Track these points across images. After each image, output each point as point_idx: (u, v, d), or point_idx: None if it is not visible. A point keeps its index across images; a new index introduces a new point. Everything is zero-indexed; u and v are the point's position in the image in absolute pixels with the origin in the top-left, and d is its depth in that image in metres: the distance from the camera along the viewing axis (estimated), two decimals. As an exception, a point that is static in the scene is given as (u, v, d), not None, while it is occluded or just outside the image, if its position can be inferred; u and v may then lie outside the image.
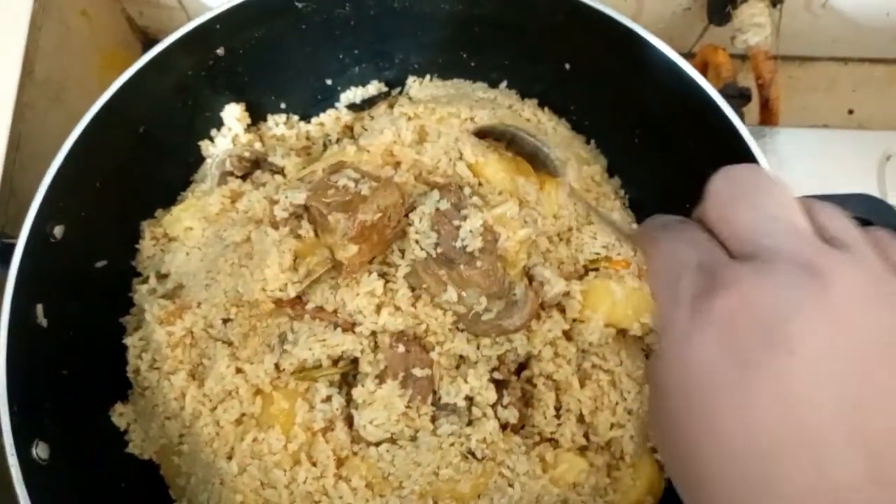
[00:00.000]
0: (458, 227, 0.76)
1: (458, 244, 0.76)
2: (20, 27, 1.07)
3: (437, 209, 0.77)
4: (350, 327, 0.78)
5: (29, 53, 1.08)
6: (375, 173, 0.81)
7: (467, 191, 0.80)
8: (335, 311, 0.78)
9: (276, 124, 0.99)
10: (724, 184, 0.45)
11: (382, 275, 0.79)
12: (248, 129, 0.97)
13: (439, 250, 0.76)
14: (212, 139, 0.98)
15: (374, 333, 0.78)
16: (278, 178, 0.88)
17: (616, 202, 0.95)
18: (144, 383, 0.84)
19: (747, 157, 0.82)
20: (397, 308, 0.79)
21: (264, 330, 0.79)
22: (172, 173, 0.97)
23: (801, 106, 1.42)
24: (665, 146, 0.93)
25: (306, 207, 0.79)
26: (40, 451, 0.76)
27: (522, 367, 0.85)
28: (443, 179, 0.82)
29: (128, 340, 0.86)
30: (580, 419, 0.83)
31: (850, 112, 1.43)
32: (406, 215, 0.78)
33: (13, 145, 1.13)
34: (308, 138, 0.97)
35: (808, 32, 1.32)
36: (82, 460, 0.81)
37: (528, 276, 0.82)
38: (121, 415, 0.87)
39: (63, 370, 0.83)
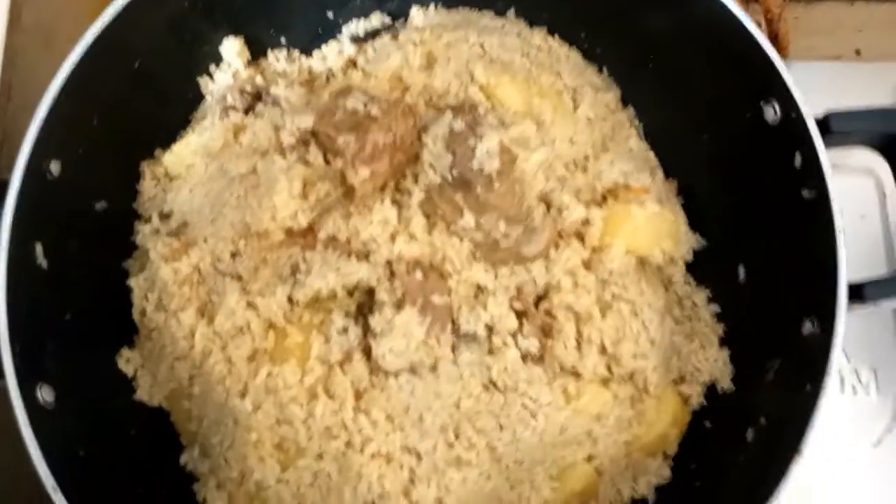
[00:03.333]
0: (473, 148, 0.73)
1: (475, 165, 0.73)
2: (4, -30, 1.03)
3: (452, 130, 0.73)
4: (364, 256, 0.75)
5: (15, -1, 1.04)
6: (384, 98, 0.77)
7: (482, 110, 0.76)
8: (348, 241, 0.75)
9: (277, 59, 0.95)
10: None
11: (395, 202, 0.76)
12: (248, 64, 0.93)
13: (455, 173, 0.73)
14: (211, 76, 0.94)
15: (389, 263, 0.76)
16: (284, 104, 0.84)
17: (632, 130, 0.92)
18: (151, 325, 0.81)
19: (773, 79, 0.79)
20: (412, 237, 0.76)
21: (275, 262, 0.76)
22: (171, 112, 0.93)
23: (807, 47, 1.39)
24: (680, 72, 0.90)
25: (314, 133, 0.75)
26: (45, 393, 0.73)
27: (540, 300, 0.82)
28: (455, 103, 0.79)
29: (132, 281, 0.83)
30: (602, 350, 0.80)
31: (858, 53, 1.40)
32: (419, 138, 0.75)
33: (4, 94, 1.10)
34: (310, 73, 0.94)
35: (812, -31, 1.28)
36: (89, 406, 0.78)
37: (546, 201, 0.80)
38: (127, 360, 0.84)
39: (66, 314, 0.80)
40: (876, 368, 1.03)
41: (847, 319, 0.73)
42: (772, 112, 0.80)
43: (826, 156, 0.76)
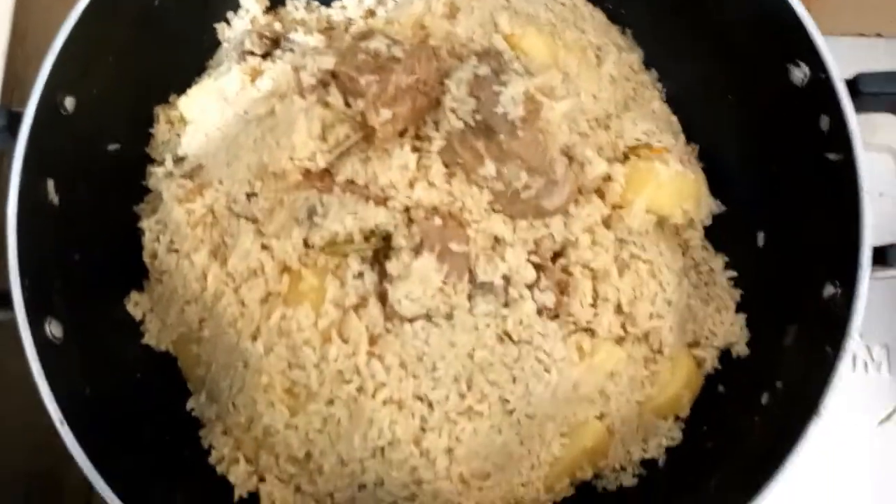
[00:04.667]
0: (498, 94, 0.71)
1: (499, 111, 0.71)
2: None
3: (476, 75, 0.72)
4: (382, 201, 0.74)
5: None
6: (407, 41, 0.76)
7: (507, 56, 0.75)
8: (366, 185, 0.74)
9: (296, 8, 0.93)
10: None
11: (415, 149, 0.75)
12: (266, 11, 0.92)
13: (478, 117, 0.71)
14: (228, 22, 0.92)
15: (407, 209, 0.74)
16: (304, 45, 0.83)
17: (654, 93, 0.91)
18: (162, 267, 0.80)
19: (803, 40, 0.78)
20: (431, 184, 0.74)
21: (292, 203, 0.75)
22: (187, 57, 0.91)
23: (829, 26, 1.37)
24: (705, 35, 0.89)
25: (335, 74, 0.74)
26: (53, 328, 0.72)
27: (557, 256, 0.81)
28: (479, 50, 0.77)
29: (143, 223, 0.81)
30: (618, 309, 0.79)
31: (879, 35, 1.38)
32: (441, 83, 0.74)
33: (18, 39, 1.08)
34: (329, 23, 0.92)
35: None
36: (96, 347, 0.77)
37: (569, 156, 0.78)
38: (136, 304, 0.83)
39: (75, 253, 0.79)
40: (889, 346, 1.02)
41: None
42: (799, 74, 0.79)
43: (854, 117, 0.75)
